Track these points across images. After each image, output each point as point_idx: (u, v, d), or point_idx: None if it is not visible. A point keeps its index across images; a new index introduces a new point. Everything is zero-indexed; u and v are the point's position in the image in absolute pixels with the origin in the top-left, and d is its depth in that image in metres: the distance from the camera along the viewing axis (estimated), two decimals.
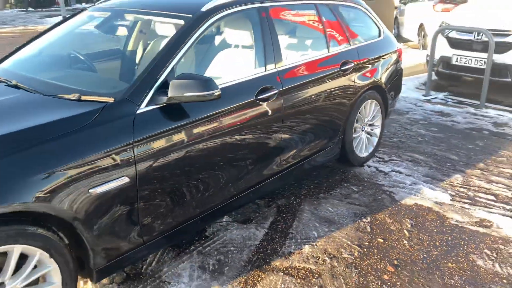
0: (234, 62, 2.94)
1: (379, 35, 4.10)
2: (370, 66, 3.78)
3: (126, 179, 2.12)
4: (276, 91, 2.85)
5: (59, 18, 18.78)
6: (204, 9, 2.67)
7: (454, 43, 6.31)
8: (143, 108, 2.23)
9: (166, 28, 3.03)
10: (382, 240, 2.89)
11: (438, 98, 6.20)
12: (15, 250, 1.82)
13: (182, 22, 2.62)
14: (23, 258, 1.89)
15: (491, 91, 5.85)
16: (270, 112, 2.83)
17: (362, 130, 3.92)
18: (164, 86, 2.32)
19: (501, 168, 3.93)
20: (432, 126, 5.01)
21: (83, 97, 2.25)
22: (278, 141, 2.97)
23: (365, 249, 2.80)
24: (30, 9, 24.82)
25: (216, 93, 2.28)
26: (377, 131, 4.08)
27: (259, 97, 2.74)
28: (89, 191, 1.98)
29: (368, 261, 2.69)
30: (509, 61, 5.73)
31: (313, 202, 3.36)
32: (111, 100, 2.20)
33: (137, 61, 2.70)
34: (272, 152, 2.96)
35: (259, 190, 2.98)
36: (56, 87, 2.41)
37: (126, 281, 2.50)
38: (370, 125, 4.01)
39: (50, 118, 2.04)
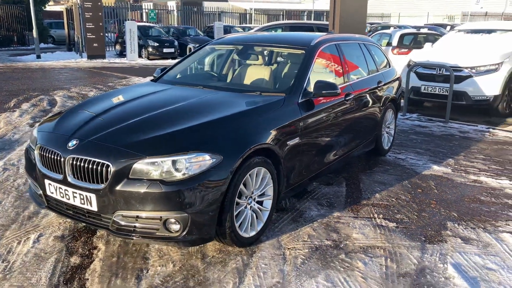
0: (328, 77, 4.52)
1: (389, 66, 5.90)
2: (389, 85, 5.54)
3: (298, 140, 3.61)
4: (353, 95, 4.48)
5: (32, 57, 19.52)
6: (312, 43, 4.29)
7: (422, 76, 8.36)
8: (300, 100, 3.75)
9: (287, 55, 4.61)
10: (421, 190, 4.53)
11: (414, 116, 8.15)
12: (263, 171, 3.24)
13: (303, 51, 4.21)
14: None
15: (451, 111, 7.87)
16: (349, 107, 4.44)
17: (384, 130, 5.62)
18: (304, 89, 3.87)
19: (475, 154, 5.78)
20: (419, 134, 6.86)
21: (263, 94, 3.76)
22: (351, 128, 4.56)
23: (413, 194, 4.41)
24: None
25: (338, 92, 3.86)
26: (392, 131, 5.81)
27: (346, 99, 4.35)
28: (287, 142, 3.46)
29: (418, 199, 4.30)
30: (464, 89, 7.82)
31: (365, 174, 4.96)
32: (283, 95, 3.72)
33: (280, 74, 4.23)
34: (347, 137, 4.54)
35: (330, 168, 4.48)
36: (241, 89, 3.90)
37: (277, 212, 3.91)
38: (388, 126, 5.72)
39: (260, 103, 3.52)
